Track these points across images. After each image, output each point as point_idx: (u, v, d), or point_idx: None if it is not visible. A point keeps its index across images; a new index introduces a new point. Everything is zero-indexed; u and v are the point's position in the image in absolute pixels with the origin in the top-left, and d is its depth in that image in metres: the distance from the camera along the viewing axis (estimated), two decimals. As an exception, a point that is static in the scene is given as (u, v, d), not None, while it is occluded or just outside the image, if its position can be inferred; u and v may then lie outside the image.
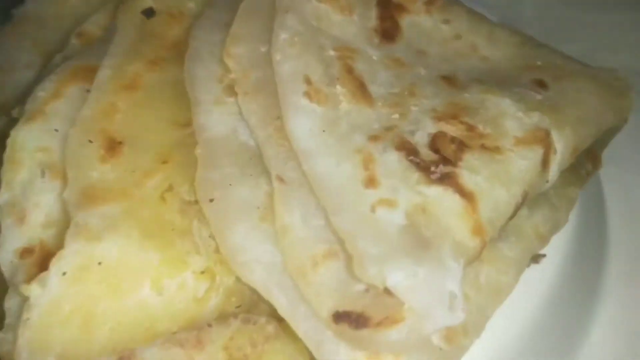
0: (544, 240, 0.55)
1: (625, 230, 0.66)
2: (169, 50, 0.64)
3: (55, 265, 0.43)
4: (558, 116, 0.53)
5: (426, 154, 0.47)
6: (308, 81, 0.49)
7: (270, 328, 0.53)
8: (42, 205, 0.51)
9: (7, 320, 0.45)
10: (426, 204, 0.43)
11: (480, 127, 0.50)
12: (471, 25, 0.65)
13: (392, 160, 0.46)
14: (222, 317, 0.52)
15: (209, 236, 0.49)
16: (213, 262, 0.48)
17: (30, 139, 0.54)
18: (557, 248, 0.62)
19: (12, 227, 0.50)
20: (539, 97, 0.56)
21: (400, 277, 0.38)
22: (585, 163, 0.64)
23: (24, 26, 0.81)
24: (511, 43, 0.65)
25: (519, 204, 0.47)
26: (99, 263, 0.43)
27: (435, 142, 0.48)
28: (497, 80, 0.58)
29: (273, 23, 0.58)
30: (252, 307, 0.51)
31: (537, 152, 0.48)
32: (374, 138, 0.48)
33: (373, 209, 0.43)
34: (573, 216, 0.63)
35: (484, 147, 0.48)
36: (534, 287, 0.61)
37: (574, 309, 0.67)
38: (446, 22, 0.65)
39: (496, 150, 0.48)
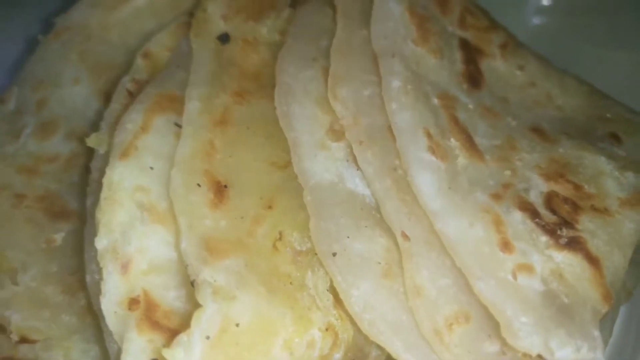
0: (630, 295, 0.58)
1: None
2: (251, 82, 0.62)
3: (198, 328, 0.41)
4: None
5: (545, 214, 0.48)
6: (428, 134, 0.49)
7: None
8: (145, 252, 0.49)
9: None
10: (561, 270, 0.45)
11: (586, 187, 0.52)
12: (542, 71, 0.67)
13: (517, 222, 0.47)
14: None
15: (327, 290, 0.48)
16: (333, 317, 0.47)
17: (127, 178, 0.51)
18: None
19: (115, 275, 0.48)
20: (621, 153, 0.59)
21: (568, 352, 0.40)
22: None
23: (67, 37, 0.76)
24: (581, 92, 0.67)
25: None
26: (237, 325, 0.42)
27: (550, 202, 0.49)
28: (579, 133, 0.60)
29: (371, 64, 0.57)
30: (362, 356, 0.51)
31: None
32: (495, 197, 0.48)
33: (514, 276, 0.43)
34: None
35: (594, 209, 0.50)
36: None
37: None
38: (520, 68, 0.66)
39: (605, 212, 0.50)
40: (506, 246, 0.45)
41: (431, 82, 0.56)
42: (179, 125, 0.56)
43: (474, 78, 0.61)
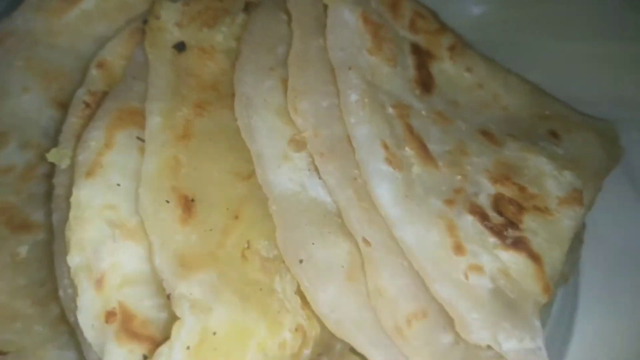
0: (566, 279, 0.65)
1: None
2: (210, 92, 0.63)
3: (178, 340, 0.43)
4: (581, 172, 0.62)
5: (493, 216, 0.54)
6: (385, 146, 0.53)
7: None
8: (118, 267, 0.51)
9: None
10: (507, 269, 0.50)
11: (529, 188, 0.57)
12: (489, 72, 0.72)
13: (468, 225, 0.52)
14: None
15: (294, 293, 0.52)
16: (302, 317, 0.51)
17: (95, 196, 0.52)
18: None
19: (89, 291, 0.50)
20: (560, 151, 0.65)
21: (513, 343, 0.46)
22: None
23: (11, 43, 0.74)
24: (523, 91, 0.73)
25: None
26: (214, 333, 0.45)
27: (497, 205, 0.55)
28: (522, 133, 0.66)
29: (328, 74, 0.60)
30: (328, 350, 0.55)
31: (578, 212, 0.57)
32: (448, 202, 0.53)
33: (466, 276, 0.48)
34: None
35: (536, 208, 0.56)
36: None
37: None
38: (468, 70, 0.70)
39: (546, 211, 0.56)
40: (459, 249, 0.50)
41: (386, 92, 0.60)
42: (141, 140, 0.57)
43: (425, 83, 0.65)
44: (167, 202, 0.52)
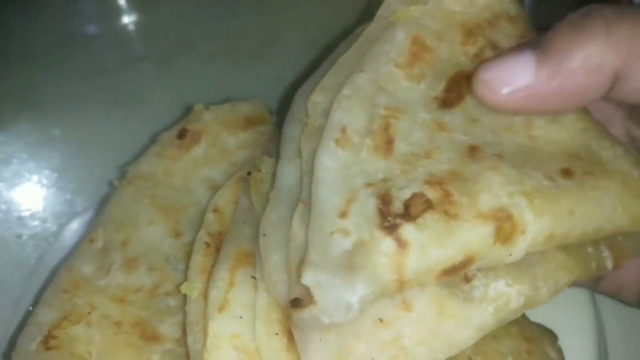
0: (514, 313, 0.59)
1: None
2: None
3: None
4: (545, 204, 0.56)
5: (397, 207, 0.54)
6: (343, 131, 0.60)
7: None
8: (244, 381, 0.68)
9: None
10: (368, 242, 0.53)
11: (455, 196, 0.55)
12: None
13: (368, 205, 0.55)
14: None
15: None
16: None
17: (225, 328, 0.68)
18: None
19: (228, 399, 0.66)
20: (546, 183, 0.57)
21: (312, 281, 0.51)
22: (605, 259, 0.65)
23: (139, 183, 0.95)
24: (574, 128, 0.64)
25: (457, 267, 0.54)
26: None
27: (410, 199, 0.55)
28: (522, 161, 0.60)
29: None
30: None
31: (489, 227, 0.54)
32: (368, 185, 0.57)
33: (332, 233, 0.54)
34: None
35: (445, 212, 0.54)
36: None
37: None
38: None
39: (454, 217, 0.54)
40: (343, 215, 0.54)
41: (390, 97, 0.62)
42: (254, 278, 0.75)
43: (448, 101, 0.64)
44: (277, 334, 0.68)
